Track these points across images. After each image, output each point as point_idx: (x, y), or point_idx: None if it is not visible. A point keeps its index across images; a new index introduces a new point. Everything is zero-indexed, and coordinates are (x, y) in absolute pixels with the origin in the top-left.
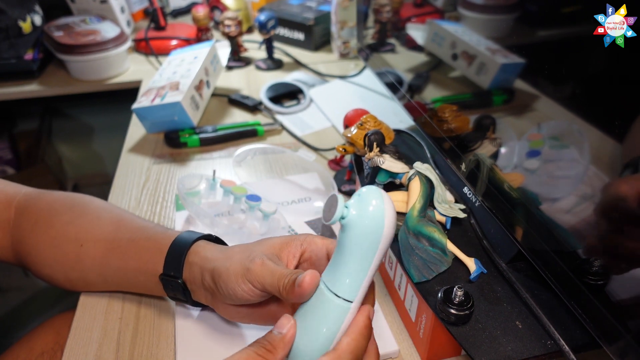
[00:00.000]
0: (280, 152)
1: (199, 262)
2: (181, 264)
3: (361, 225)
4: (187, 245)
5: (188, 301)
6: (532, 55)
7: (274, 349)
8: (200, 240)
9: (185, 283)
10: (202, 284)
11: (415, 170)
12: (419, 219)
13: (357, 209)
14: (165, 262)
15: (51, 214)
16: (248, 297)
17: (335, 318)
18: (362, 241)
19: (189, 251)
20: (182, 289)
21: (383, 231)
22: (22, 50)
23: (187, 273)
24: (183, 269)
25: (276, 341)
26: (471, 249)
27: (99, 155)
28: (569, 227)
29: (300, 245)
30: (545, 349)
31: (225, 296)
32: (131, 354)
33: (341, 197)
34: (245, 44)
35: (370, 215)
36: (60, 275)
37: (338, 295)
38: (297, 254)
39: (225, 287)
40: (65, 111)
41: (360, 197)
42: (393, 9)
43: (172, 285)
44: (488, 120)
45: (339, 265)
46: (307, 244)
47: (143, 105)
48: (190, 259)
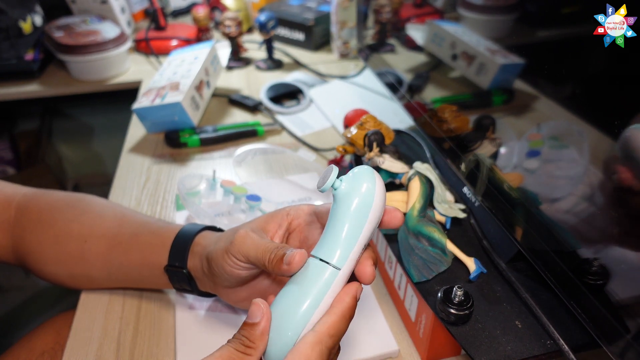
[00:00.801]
0: (280, 152)
1: (200, 251)
2: (186, 254)
3: (352, 196)
4: (192, 236)
5: (194, 291)
6: (532, 56)
7: (253, 343)
8: (204, 231)
9: (190, 273)
10: (203, 271)
11: (415, 170)
12: (419, 219)
13: (349, 182)
14: (170, 254)
15: (53, 212)
16: (236, 271)
17: (322, 284)
18: (352, 212)
19: (193, 242)
20: (187, 279)
21: (372, 204)
22: (23, 50)
23: (191, 263)
24: (188, 259)
25: (254, 336)
26: (471, 249)
27: (99, 155)
28: (569, 227)
29: (287, 214)
30: (544, 348)
31: (218, 277)
32: (131, 353)
33: (336, 170)
34: (245, 44)
35: (361, 188)
36: (64, 273)
37: (326, 261)
38: (284, 223)
39: (216, 266)
40: (66, 111)
41: (354, 173)
42: (393, 9)
43: (178, 276)
44: (488, 120)
45: (329, 235)
46: (294, 212)
47: (143, 105)
48: (193, 249)
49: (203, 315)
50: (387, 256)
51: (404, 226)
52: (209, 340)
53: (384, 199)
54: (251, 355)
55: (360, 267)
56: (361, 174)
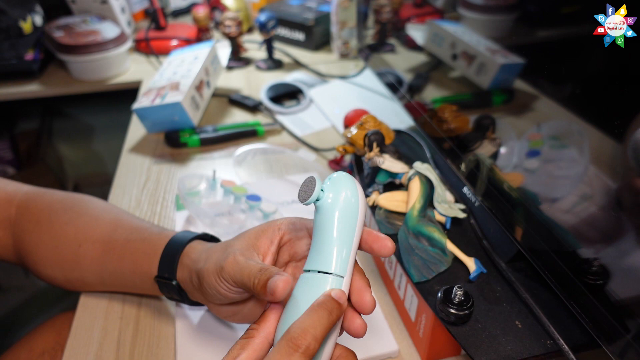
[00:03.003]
0: (280, 152)
1: (189, 264)
2: (174, 266)
3: (337, 204)
4: (181, 247)
5: (185, 301)
6: (532, 56)
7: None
8: (194, 241)
9: (179, 284)
10: (192, 285)
11: (415, 170)
12: (419, 219)
13: (331, 190)
14: (160, 264)
15: (51, 214)
16: (230, 295)
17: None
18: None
19: (182, 252)
20: (177, 290)
21: (358, 208)
22: (23, 50)
23: (180, 274)
24: (177, 270)
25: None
26: (471, 249)
27: (99, 155)
28: (569, 227)
29: (278, 229)
30: (544, 348)
31: (212, 296)
32: (131, 353)
33: (319, 180)
34: (245, 44)
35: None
36: (60, 276)
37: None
38: (275, 238)
39: (208, 287)
40: (66, 111)
41: (333, 180)
42: (393, 9)
43: (167, 287)
44: (488, 120)
45: (321, 245)
46: (285, 226)
47: (143, 105)
48: (183, 261)
49: (203, 315)
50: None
51: (404, 226)
52: (209, 341)
53: (365, 200)
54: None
55: (358, 297)
56: (340, 180)
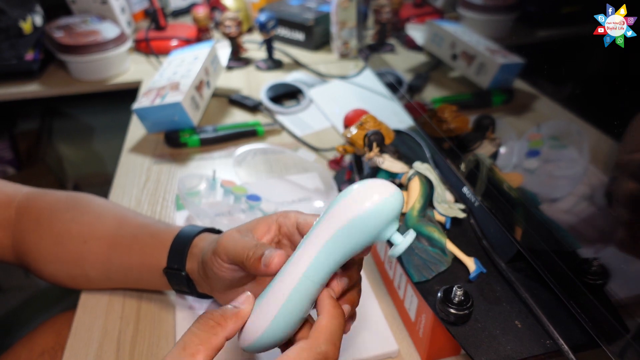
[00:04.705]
0: (280, 152)
1: (197, 253)
2: (184, 257)
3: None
4: (191, 238)
5: (193, 293)
6: (532, 56)
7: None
8: (203, 233)
9: (189, 275)
10: (199, 273)
11: (414, 170)
12: (419, 218)
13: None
14: (169, 256)
15: (53, 212)
16: (220, 273)
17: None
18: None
19: (192, 244)
20: (186, 282)
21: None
22: (23, 50)
23: (190, 265)
24: (186, 261)
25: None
26: (471, 249)
27: (99, 155)
28: (568, 227)
29: (276, 220)
30: (544, 348)
31: (211, 279)
32: (131, 353)
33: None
34: (245, 44)
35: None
36: (63, 273)
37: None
38: (272, 228)
39: (207, 269)
40: (66, 111)
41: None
42: (393, 9)
43: (177, 279)
44: (487, 120)
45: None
46: (283, 219)
47: (143, 105)
48: (192, 251)
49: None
50: (387, 256)
51: (403, 226)
52: None
53: None
54: (217, 335)
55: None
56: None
